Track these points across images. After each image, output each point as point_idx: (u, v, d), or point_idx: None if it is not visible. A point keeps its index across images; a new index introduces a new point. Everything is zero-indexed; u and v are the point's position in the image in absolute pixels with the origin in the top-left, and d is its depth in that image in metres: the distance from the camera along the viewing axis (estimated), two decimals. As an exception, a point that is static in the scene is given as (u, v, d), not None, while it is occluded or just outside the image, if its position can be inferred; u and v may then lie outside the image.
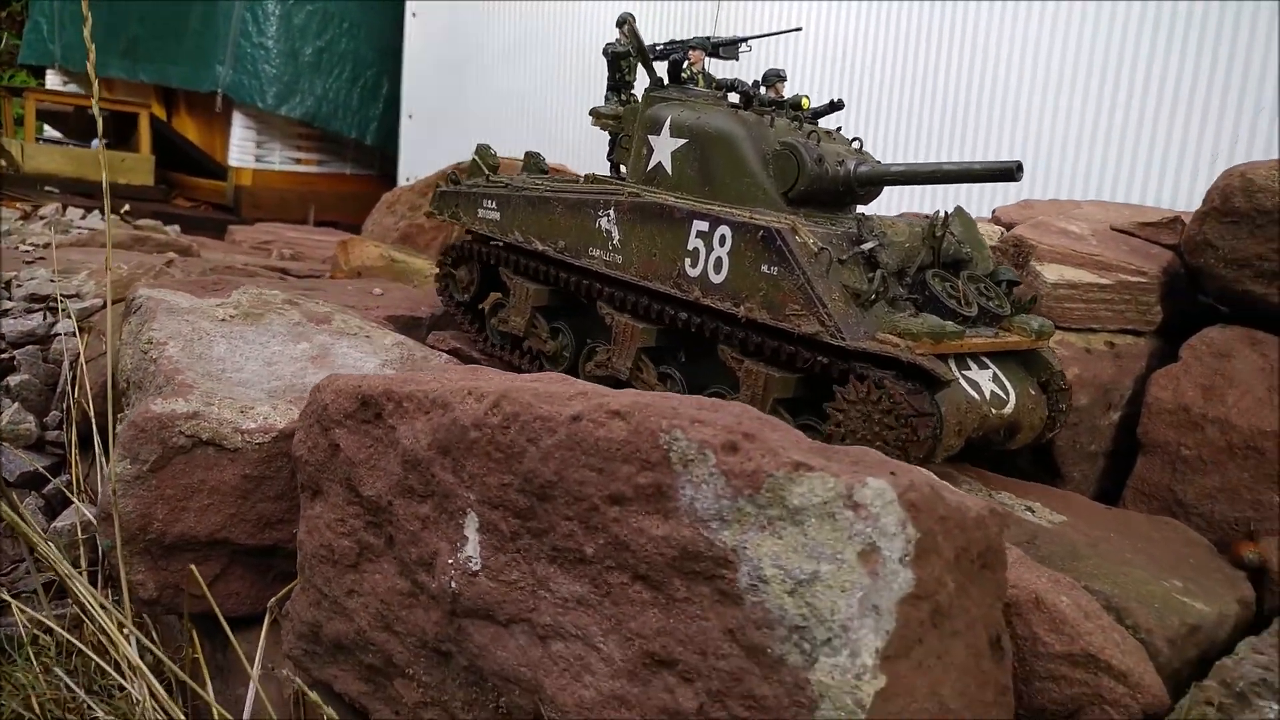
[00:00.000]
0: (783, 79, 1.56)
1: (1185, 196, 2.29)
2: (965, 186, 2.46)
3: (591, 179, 1.68)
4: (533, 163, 1.91)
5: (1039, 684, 1.06)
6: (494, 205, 1.74)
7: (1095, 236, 1.84)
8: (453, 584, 0.89)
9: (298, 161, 4.83)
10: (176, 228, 3.85)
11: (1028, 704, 1.07)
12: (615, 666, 0.81)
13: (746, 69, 1.73)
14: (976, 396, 1.25)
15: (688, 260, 1.35)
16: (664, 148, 1.48)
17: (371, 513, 0.98)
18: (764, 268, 1.25)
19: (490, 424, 0.87)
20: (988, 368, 1.30)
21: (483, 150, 1.89)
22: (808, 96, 1.50)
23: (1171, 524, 1.50)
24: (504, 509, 0.87)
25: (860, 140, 1.45)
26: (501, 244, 1.75)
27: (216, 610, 1.11)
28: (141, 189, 4.49)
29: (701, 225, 1.33)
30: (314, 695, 0.97)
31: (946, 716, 0.82)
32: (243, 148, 4.58)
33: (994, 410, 1.26)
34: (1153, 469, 1.58)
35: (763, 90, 1.53)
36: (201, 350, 1.45)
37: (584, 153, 3.83)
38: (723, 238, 1.30)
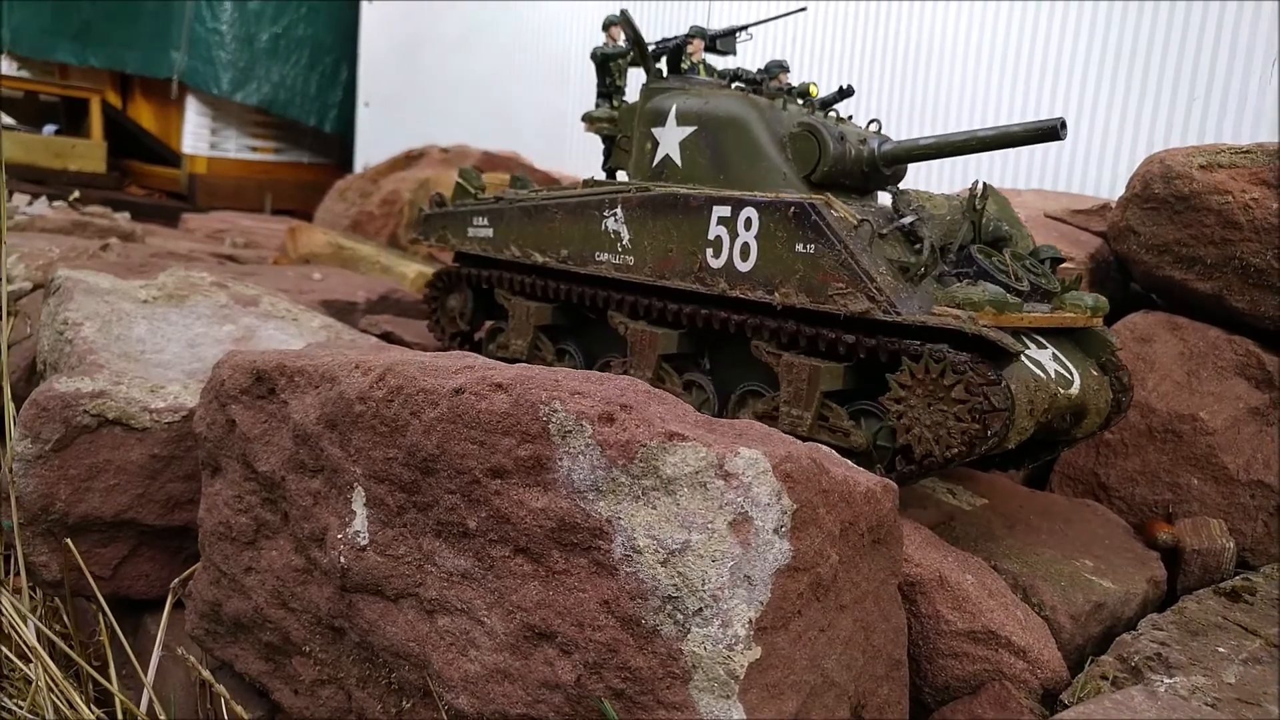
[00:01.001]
0: (786, 69, 1.47)
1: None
2: (925, 167, 2.49)
3: (591, 184, 1.54)
4: (519, 184, 1.75)
5: (942, 661, 1.07)
6: (485, 221, 1.62)
7: (1029, 224, 1.86)
8: (342, 559, 0.89)
9: (254, 149, 4.78)
10: (126, 215, 3.80)
11: (932, 681, 1.08)
12: (498, 640, 0.81)
13: (745, 64, 1.64)
14: (1043, 375, 1.14)
15: (709, 251, 1.25)
16: (671, 139, 1.39)
17: (267, 489, 0.97)
18: (799, 247, 1.15)
19: (375, 397, 0.86)
20: (1046, 347, 1.19)
21: (467, 174, 1.76)
22: (815, 84, 1.41)
23: (1092, 507, 1.52)
24: (390, 483, 0.86)
25: (878, 122, 1.35)
26: (496, 265, 1.63)
27: (97, 590, 1.10)
28: (93, 176, 4.42)
29: (723, 211, 1.23)
30: (207, 675, 0.96)
31: (831, 689, 0.83)
32: (197, 135, 4.52)
33: (1061, 390, 1.15)
34: (1077, 453, 1.59)
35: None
36: (120, 331, 1.44)
37: (542, 143, 3.82)
38: (748, 221, 1.20)
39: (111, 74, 5.16)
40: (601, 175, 1.64)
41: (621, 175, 1.59)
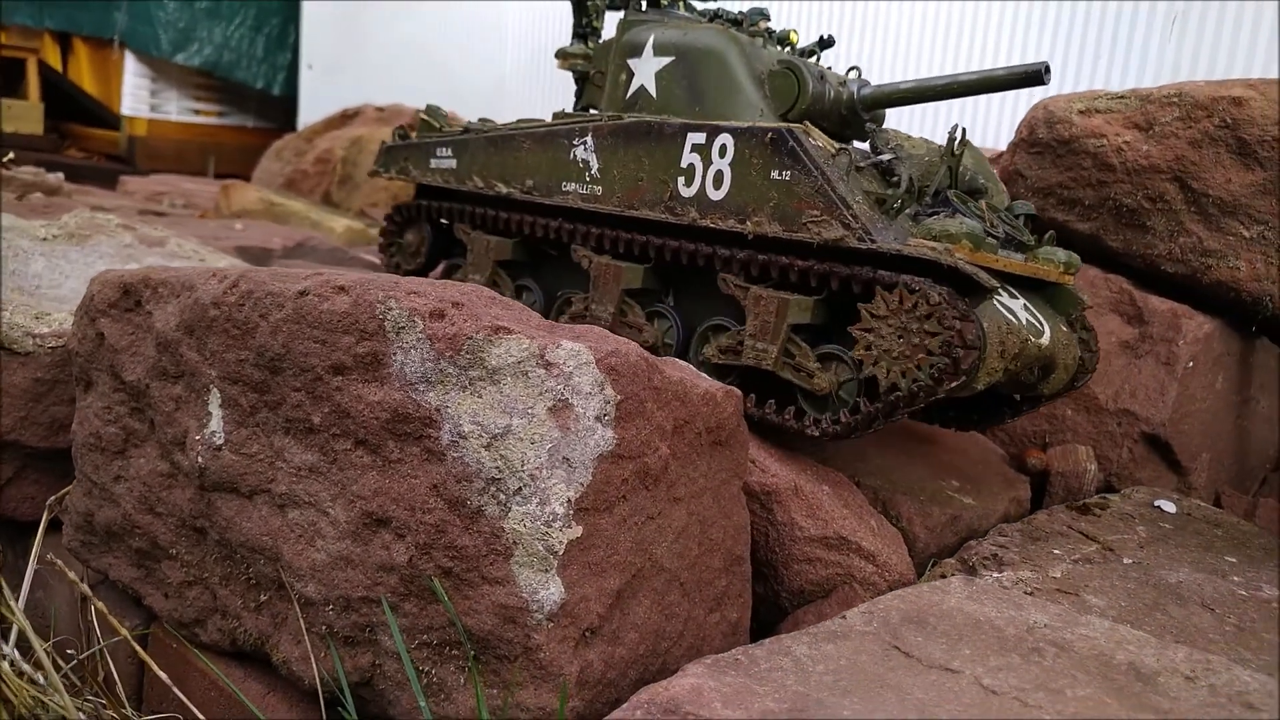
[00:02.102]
0: (767, 18, 1.43)
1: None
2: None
3: (561, 115, 1.50)
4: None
5: (797, 566, 1.13)
6: (449, 153, 1.58)
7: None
8: (200, 460, 0.92)
9: (196, 112, 4.74)
10: (61, 176, 3.77)
11: (788, 585, 1.13)
12: (341, 529, 0.85)
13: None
14: (1015, 320, 1.12)
15: (681, 180, 1.22)
16: (647, 69, 1.36)
17: (134, 398, 1.00)
18: (775, 174, 1.12)
19: (228, 302, 0.89)
20: (1018, 298, 1.17)
21: (433, 110, 1.72)
22: (795, 30, 1.39)
23: (975, 438, 1.58)
24: (242, 384, 0.89)
25: (858, 69, 1.33)
26: (458, 197, 1.60)
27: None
28: (30, 138, 4.37)
29: (698, 138, 1.20)
30: (84, 587, 1.00)
31: (661, 574, 0.88)
32: (137, 96, 4.48)
33: (1032, 339, 1.12)
34: (964, 388, 1.65)
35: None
36: (16, 267, 1.45)
37: (481, 102, 3.82)
38: (723, 148, 1.17)
39: (51, 34, 5.08)
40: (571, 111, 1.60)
41: (594, 114, 1.54)
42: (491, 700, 0.78)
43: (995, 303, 1.09)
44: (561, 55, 1.60)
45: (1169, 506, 1.36)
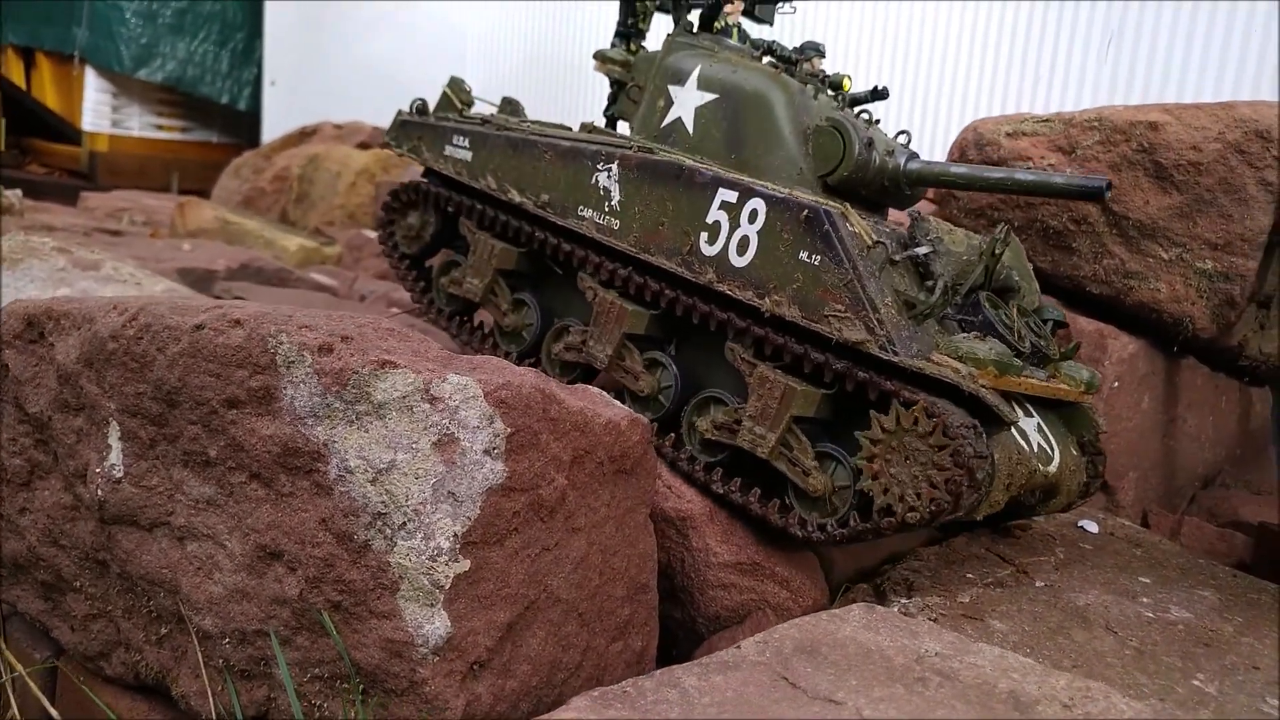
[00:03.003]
0: (821, 54, 1.36)
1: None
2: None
3: (589, 129, 1.42)
4: (510, 108, 1.61)
5: (712, 592, 1.13)
6: (466, 143, 1.47)
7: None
8: (100, 492, 0.92)
9: (159, 128, 4.72)
10: (18, 192, 3.74)
11: (704, 611, 1.14)
12: (237, 561, 0.85)
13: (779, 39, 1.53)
14: (1026, 447, 1.07)
15: (704, 235, 1.14)
16: (687, 101, 1.28)
17: (38, 430, 1.00)
18: (803, 254, 1.05)
19: (126, 335, 0.89)
20: (1033, 416, 1.13)
21: (456, 83, 1.61)
22: (849, 77, 1.31)
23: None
24: (141, 416, 0.89)
25: (908, 134, 1.25)
26: (468, 191, 1.50)
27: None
28: (-12, 154, 4.34)
29: (729, 195, 1.12)
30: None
31: (557, 605, 0.88)
32: (98, 112, 4.46)
33: (1040, 466, 1.08)
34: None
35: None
36: (-58, 291, 1.44)
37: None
38: (754, 213, 1.10)
39: (15, 50, 5.06)
40: (600, 122, 1.53)
41: (623, 127, 1.47)
42: (379, 734, 0.78)
43: (1011, 428, 1.04)
44: (600, 58, 1.50)
45: (1092, 527, 1.38)
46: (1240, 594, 1.21)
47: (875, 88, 1.35)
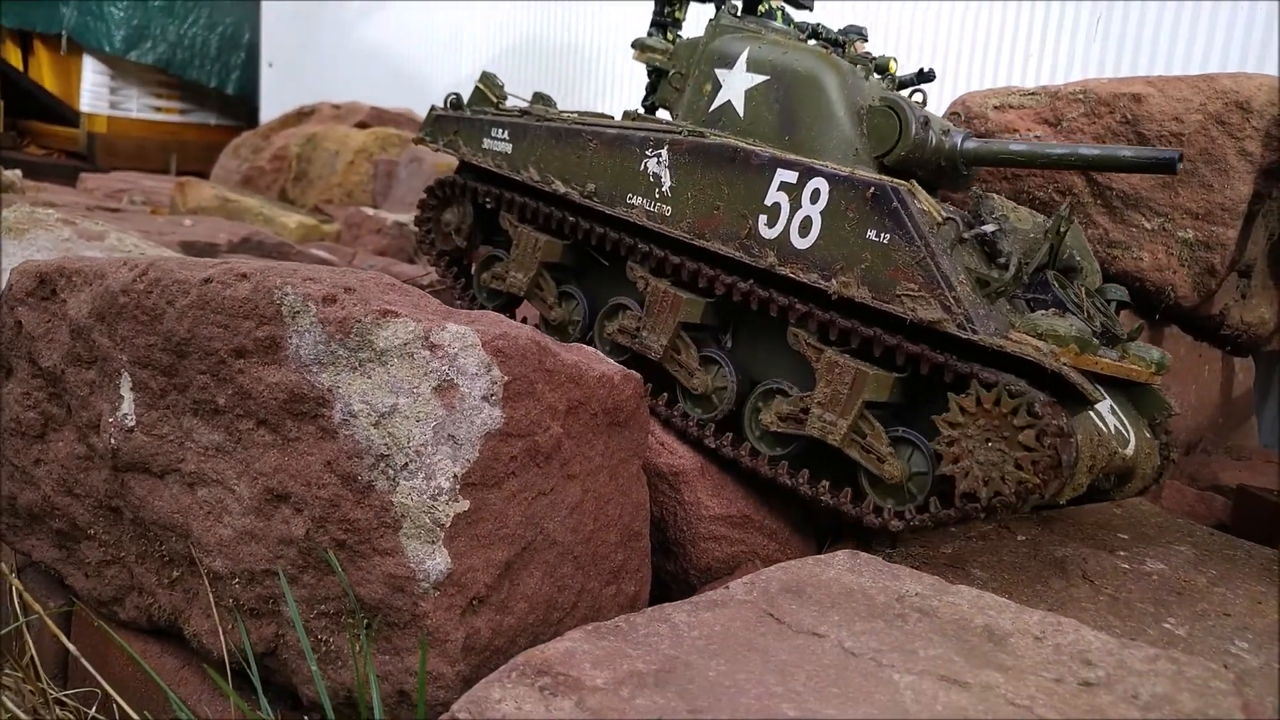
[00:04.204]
0: (864, 38, 1.34)
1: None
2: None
3: (634, 117, 1.39)
4: (542, 101, 1.58)
5: (704, 544, 1.17)
6: (505, 135, 1.45)
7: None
8: (113, 441, 0.95)
9: (157, 110, 4.74)
10: (18, 172, 3.76)
11: (696, 563, 1.18)
12: (246, 504, 0.88)
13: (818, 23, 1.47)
14: (1105, 429, 1.04)
15: (763, 218, 1.12)
16: (737, 84, 1.25)
17: (51, 384, 1.04)
18: (871, 233, 1.02)
19: (137, 289, 0.93)
20: (1104, 399, 1.07)
21: (488, 78, 1.58)
22: (895, 59, 1.28)
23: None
24: (152, 368, 0.93)
25: (960, 114, 1.22)
26: (507, 184, 1.47)
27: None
28: (-13, 135, 4.36)
29: (788, 175, 1.10)
30: (2, 566, 1.03)
31: (553, 547, 0.92)
32: (96, 94, 4.47)
33: (1119, 449, 1.05)
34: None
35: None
36: (-49, 259, 1.47)
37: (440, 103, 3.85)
38: (815, 193, 1.07)
39: (12, 33, 5.07)
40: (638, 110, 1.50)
41: (663, 115, 1.45)
42: (384, 665, 0.82)
43: (1089, 410, 1.02)
44: (639, 47, 1.46)
45: (1073, 488, 1.41)
46: (1216, 550, 1.24)
47: (921, 70, 1.34)
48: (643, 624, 0.83)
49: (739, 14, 1.35)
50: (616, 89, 3.19)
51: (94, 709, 0.99)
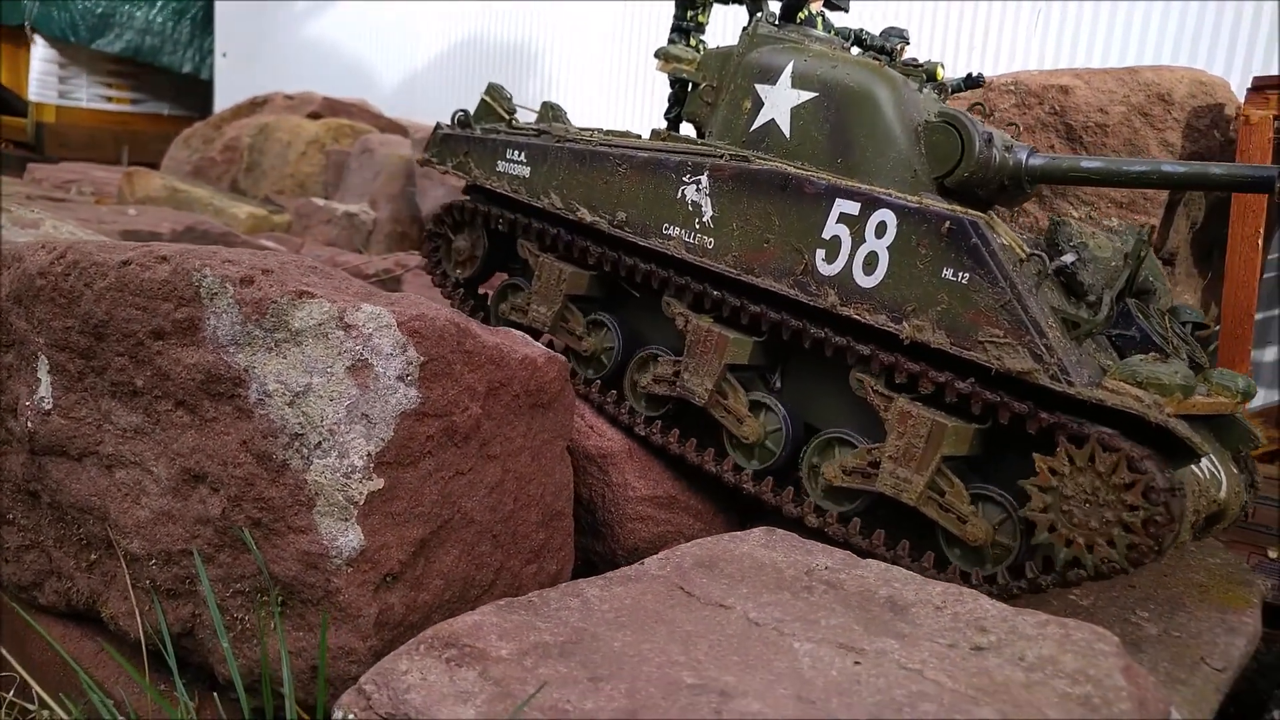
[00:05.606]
0: (906, 40, 1.27)
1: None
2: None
3: (664, 136, 1.29)
4: (552, 115, 1.48)
5: (630, 524, 1.19)
6: (522, 158, 1.33)
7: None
8: (30, 424, 0.95)
9: (109, 99, 4.67)
10: (-38, 162, 3.71)
11: (623, 543, 1.20)
12: (163, 485, 0.89)
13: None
14: (1204, 476, 0.96)
15: (821, 253, 1.02)
16: (781, 102, 1.14)
17: (-29, 368, 1.03)
18: (947, 272, 0.93)
19: (54, 272, 0.93)
20: (1208, 452, 0.99)
21: (495, 90, 1.46)
22: (941, 64, 1.20)
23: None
24: (69, 350, 0.93)
25: (1016, 125, 1.15)
26: (524, 208, 1.35)
27: None
28: (-67, 124, 4.29)
29: (849, 206, 1.00)
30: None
31: (470, 526, 0.93)
32: (44, 82, 4.41)
33: (1214, 493, 0.97)
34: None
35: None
36: (-121, 245, 1.46)
37: (391, 93, 3.83)
38: (881, 226, 0.98)
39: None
40: (658, 124, 1.42)
41: (688, 128, 1.36)
42: (297, 642, 0.83)
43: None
44: (664, 56, 1.33)
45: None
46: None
47: (969, 74, 1.27)
48: (555, 599, 0.84)
49: (777, 22, 1.24)
50: (562, 86, 3.20)
51: (11, 693, 0.99)
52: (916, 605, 0.85)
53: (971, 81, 1.28)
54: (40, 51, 4.43)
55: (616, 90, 2.97)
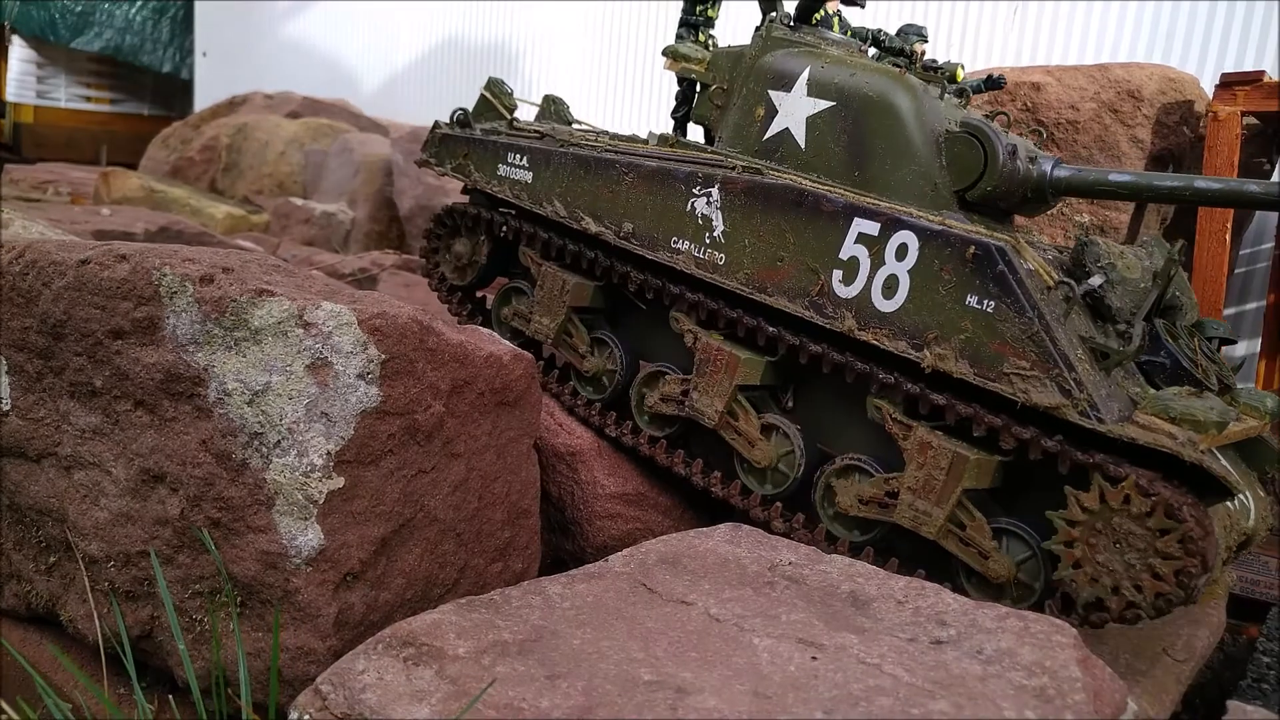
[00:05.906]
0: (924, 38, 1.23)
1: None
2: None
3: (672, 143, 1.23)
4: (554, 110, 1.44)
5: (599, 522, 1.19)
6: (524, 162, 1.28)
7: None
8: (-11, 426, 0.95)
9: (88, 100, 4.64)
10: (-62, 163, 3.68)
11: (593, 541, 1.20)
12: (122, 486, 0.88)
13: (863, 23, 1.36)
14: (1233, 508, 0.93)
15: (838, 274, 0.99)
16: (797, 111, 1.09)
17: (-70, 369, 1.02)
18: (971, 299, 0.90)
19: (12, 271, 0.92)
20: (1243, 489, 0.96)
21: (495, 85, 1.41)
22: (961, 65, 1.17)
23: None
24: (28, 350, 0.92)
25: (1040, 131, 1.14)
26: (527, 213, 1.31)
27: None
28: (-91, 125, 4.25)
29: (867, 226, 0.97)
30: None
31: (434, 524, 0.93)
32: (22, 82, 4.38)
33: (1243, 523, 0.94)
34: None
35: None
36: None
37: (372, 93, 3.82)
38: (902, 248, 0.94)
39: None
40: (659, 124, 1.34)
41: (695, 131, 1.32)
42: (256, 643, 0.83)
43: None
44: (672, 55, 1.28)
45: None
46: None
47: (990, 75, 1.22)
48: (517, 597, 0.84)
49: (791, 24, 1.19)
50: (542, 85, 3.19)
51: (-30, 696, 0.98)
52: (879, 600, 0.85)
53: (992, 83, 1.24)
54: (18, 51, 4.40)
55: (597, 90, 2.97)
